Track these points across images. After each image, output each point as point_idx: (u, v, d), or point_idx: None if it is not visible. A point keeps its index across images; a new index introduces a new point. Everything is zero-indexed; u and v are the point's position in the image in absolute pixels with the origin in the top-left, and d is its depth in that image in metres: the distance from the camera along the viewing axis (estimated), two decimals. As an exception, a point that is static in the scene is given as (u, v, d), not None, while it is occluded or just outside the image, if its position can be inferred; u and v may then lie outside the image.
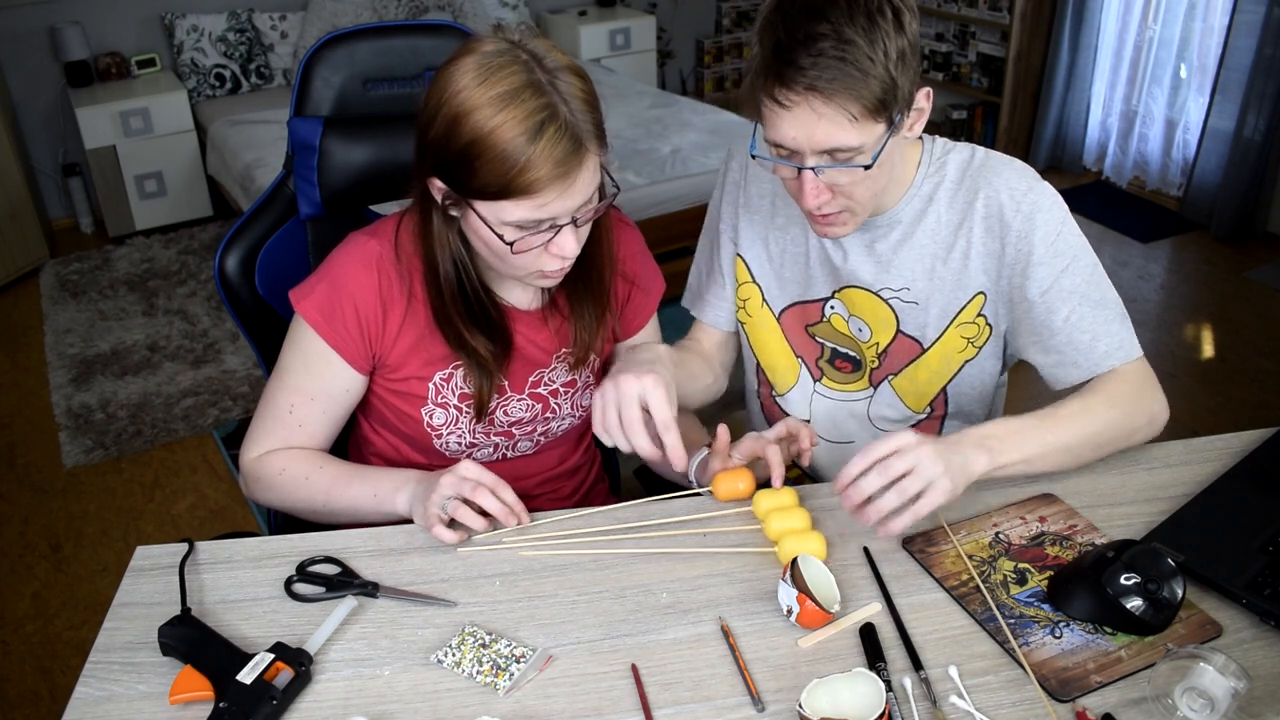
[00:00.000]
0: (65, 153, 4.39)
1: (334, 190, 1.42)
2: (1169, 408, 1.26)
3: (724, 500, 1.23)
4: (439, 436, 1.31)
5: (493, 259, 1.18)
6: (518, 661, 1.01)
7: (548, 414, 1.35)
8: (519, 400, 1.32)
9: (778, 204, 1.38)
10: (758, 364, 1.49)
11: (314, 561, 1.15)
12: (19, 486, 2.81)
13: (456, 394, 1.29)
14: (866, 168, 1.13)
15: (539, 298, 1.31)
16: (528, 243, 1.12)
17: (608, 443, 1.13)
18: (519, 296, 1.30)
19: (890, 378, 1.38)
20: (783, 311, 1.42)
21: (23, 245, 4.01)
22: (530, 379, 1.32)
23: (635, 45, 5.20)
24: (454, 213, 1.16)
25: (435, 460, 1.33)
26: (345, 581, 1.12)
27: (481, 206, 1.11)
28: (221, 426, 3.01)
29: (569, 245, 1.13)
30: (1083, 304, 1.24)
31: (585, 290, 1.30)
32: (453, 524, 1.16)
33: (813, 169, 1.14)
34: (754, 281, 1.42)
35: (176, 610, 1.07)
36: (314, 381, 1.26)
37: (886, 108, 1.11)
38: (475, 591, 1.11)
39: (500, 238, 1.12)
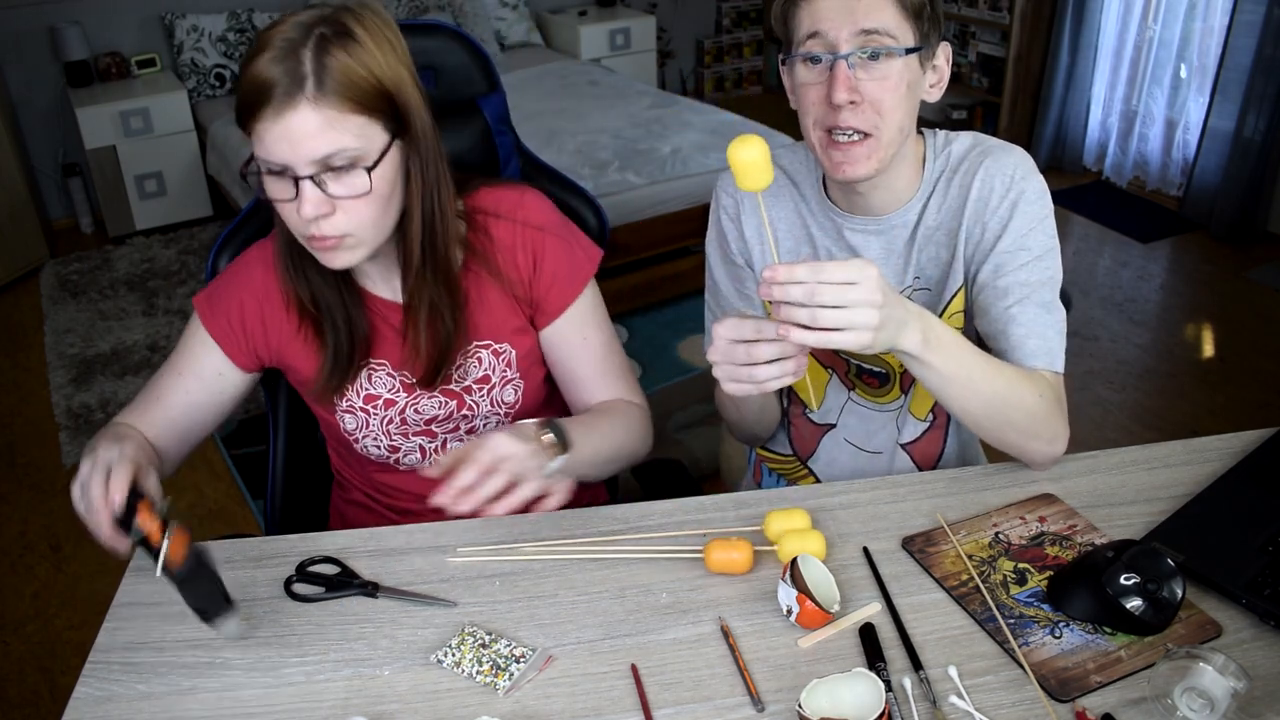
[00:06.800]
0: (65, 153, 4.39)
1: (333, 190, 1.42)
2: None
3: (715, 571, 1.12)
4: (356, 441, 1.30)
5: None
6: (517, 661, 1.01)
7: (465, 411, 1.30)
8: (429, 398, 1.29)
9: (778, 233, 1.33)
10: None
11: (314, 561, 1.15)
12: (19, 486, 2.81)
13: (361, 395, 1.28)
14: (908, 51, 1.13)
15: (394, 291, 1.25)
16: (276, 192, 1.09)
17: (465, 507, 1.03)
18: (382, 287, 1.26)
19: (915, 382, 1.35)
20: None
21: (23, 245, 4.01)
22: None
23: (635, 45, 5.19)
24: None
25: (371, 468, 1.36)
26: (345, 581, 1.12)
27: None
28: (221, 427, 3.01)
29: (305, 206, 1.07)
30: (1030, 301, 1.22)
31: (419, 284, 1.20)
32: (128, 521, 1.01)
33: (846, 58, 1.12)
34: None
35: (176, 610, 1.05)
36: (184, 359, 1.27)
37: (921, 16, 1.14)
38: (475, 591, 1.11)
39: (258, 177, 1.10)
